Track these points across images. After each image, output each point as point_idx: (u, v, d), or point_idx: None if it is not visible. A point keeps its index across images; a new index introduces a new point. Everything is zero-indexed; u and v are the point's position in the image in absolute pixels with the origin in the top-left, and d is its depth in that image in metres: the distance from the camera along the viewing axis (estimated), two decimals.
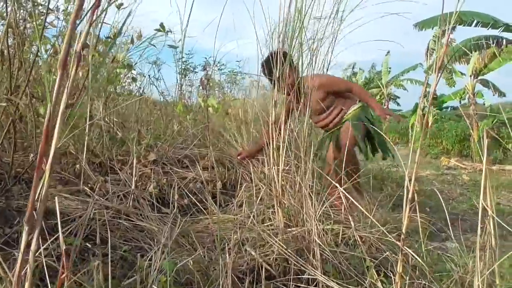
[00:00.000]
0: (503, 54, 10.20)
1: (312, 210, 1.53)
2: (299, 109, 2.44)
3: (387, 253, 1.50)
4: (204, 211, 2.13)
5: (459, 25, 8.51)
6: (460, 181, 6.63)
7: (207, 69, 2.19)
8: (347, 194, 1.51)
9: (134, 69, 3.44)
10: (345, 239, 1.71)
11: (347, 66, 23.73)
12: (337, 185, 1.56)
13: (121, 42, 3.29)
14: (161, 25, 2.39)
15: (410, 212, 1.05)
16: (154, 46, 2.56)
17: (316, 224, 1.50)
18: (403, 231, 1.06)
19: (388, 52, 20.45)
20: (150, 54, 3.52)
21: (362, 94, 2.89)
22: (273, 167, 1.62)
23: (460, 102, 13.75)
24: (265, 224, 1.66)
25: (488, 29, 8.85)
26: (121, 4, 2.35)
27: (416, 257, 1.06)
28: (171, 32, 2.42)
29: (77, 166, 2.07)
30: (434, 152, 12.80)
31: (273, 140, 1.70)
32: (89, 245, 1.38)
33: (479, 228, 1.16)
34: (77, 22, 0.63)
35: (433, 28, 9.79)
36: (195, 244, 1.66)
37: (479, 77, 11.72)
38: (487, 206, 1.20)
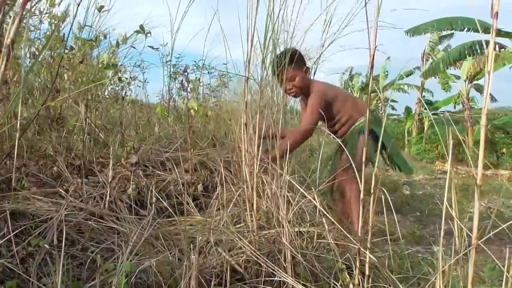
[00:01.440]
0: (499, 59, 10.25)
1: (284, 213, 1.53)
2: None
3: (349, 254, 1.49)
4: (183, 213, 2.13)
5: (449, 31, 8.55)
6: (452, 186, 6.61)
7: (188, 71, 2.19)
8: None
9: (121, 70, 3.45)
10: (319, 242, 1.70)
11: (344, 70, 23.80)
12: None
13: (107, 44, 3.30)
14: (141, 26, 2.40)
15: (365, 213, 1.05)
16: (134, 47, 2.56)
17: (287, 227, 1.50)
18: (359, 234, 1.06)
19: (389, 57, 20.49)
20: (135, 56, 3.54)
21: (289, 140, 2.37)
22: (245, 168, 1.62)
23: (454, 107, 13.81)
24: (237, 226, 1.65)
25: (481, 34, 8.86)
26: (102, 7, 2.36)
27: (375, 259, 1.05)
28: (150, 34, 2.42)
29: (55, 168, 2.06)
30: (429, 156, 12.85)
31: (245, 142, 1.70)
32: (54, 247, 1.38)
33: (442, 230, 1.16)
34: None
35: (423, 34, 9.82)
36: (170, 246, 1.65)
37: (474, 82, 11.77)
38: (451, 208, 1.20)
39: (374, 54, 1.06)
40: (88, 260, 1.46)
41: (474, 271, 1.09)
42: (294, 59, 2.38)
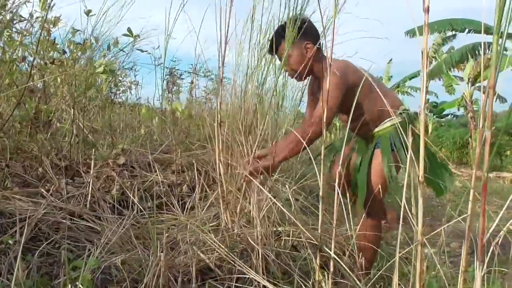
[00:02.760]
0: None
1: (256, 212, 1.55)
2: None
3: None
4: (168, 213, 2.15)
5: (450, 32, 8.53)
6: (452, 188, 6.58)
7: (174, 73, 2.21)
8: None
9: (116, 75, 3.50)
10: (295, 241, 1.72)
11: None
12: None
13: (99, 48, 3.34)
14: (129, 30, 2.44)
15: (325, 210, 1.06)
16: (123, 51, 2.60)
17: (258, 226, 1.51)
18: (319, 239, 1.07)
19: (391, 60, 20.41)
20: (132, 59, 3.59)
21: (290, 137, 1.82)
22: (219, 167, 1.64)
23: (458, 109, 13.73)
24: (211, 225, 1.67)
25: (482, 35, 8.86)
26: (90, 11, 2.40)
27: (340, 261, 1.06)
28: (139, 37, 2.46)
29: (40, 169, 2.09)
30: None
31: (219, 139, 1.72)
32: (10, 242, 1.40)
33: (399, 236, 1.17)
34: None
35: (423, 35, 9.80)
36: (147, 244, 1.68)
37: (476, 84, 11.70)
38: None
39: None
40: (62, 258, 1.48)
41: None
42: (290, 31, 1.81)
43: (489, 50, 10.02)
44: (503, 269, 1.36)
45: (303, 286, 1.44)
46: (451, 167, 8.93)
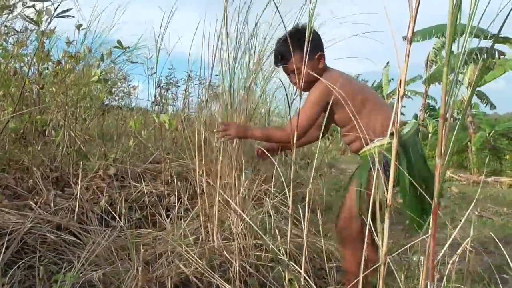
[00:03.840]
0: (496, 66, 10.23)
1: (235, 226, 1.59)
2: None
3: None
4: (155, 224, 2.20)
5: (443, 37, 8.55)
6: (448, 193, 6.62)
7: (160, 85, 2.27)
8: None
9: (110, 84, 3.56)
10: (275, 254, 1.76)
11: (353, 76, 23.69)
12: None
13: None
14: (119, 42, 2.50)
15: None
16: (114, 62, 2.66)
17: (237, 239, 1.56)
18: (288, 247, 1.12)
19: (388, 63, 20.43)
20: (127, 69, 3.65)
21: (276, 130, 1.94)
22: (199, 181, 1.69)
23: (457, 113, 13.73)
24: (192, 238, 1.72)
25: (479, 41, 8.88)
26: (80, 25, 2.46)
27: (301, 272, 1.11)
28: (128, 48, 2.52)
29: (31, 181, 2.15)
30: (432, 163, 12.74)
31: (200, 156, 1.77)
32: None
33: (365, 243, 1.21)
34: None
35: (420, 40, 9.82)
36: (132, 256, 1.73)
37: (476, 89, 11.72)
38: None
39: None
40: (49, 271, 1.53)
41: None
42: (300, 45, 1.64)
43: (489, 55, 10.05)
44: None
45: None
46: (448, 172, 8.85)
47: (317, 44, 1.82)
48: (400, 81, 0.87)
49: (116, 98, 4.18)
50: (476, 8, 0.86)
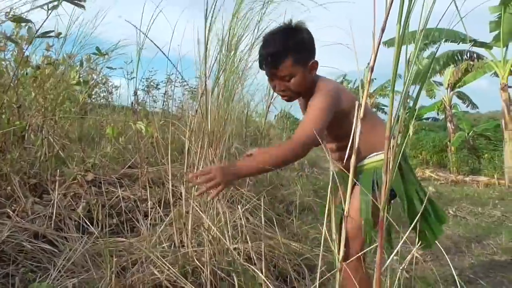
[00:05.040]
0: (475, 69, 10.50)
1: (207, 233, 1.66)
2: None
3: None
4: (133, 229, 2.25)
5: (425, 42, 8.75)
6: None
7: (137, 93, 2.32)
8: None
9: (89, 86, 3.59)
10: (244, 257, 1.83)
11: (337, 76, 23.98)
12: None
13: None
14: (97, 48, 2.54)
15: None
16: (93, 69, 2.70)
17: (208, 245, 1.63)
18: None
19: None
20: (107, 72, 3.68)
21: (282, 147, 1.50)
22: (171, 193, 1.75)
23: (438, 113, 14.03)
24: (164, 245, 1.78)
25: (458, 44, 9.12)
26: (60, 33, 2.49)
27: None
28: (107, 55, 2.57)
29: (9, 188, 2.18)
30: (412, 163, 13.03)
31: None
32: None
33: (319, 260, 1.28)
34: None
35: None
36: (109, 263, 1.78)
37: (455, 90, 12.02)
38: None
39: None
40: (26, 279, 1.58)
41: None
42: (296, 48, 1.54)
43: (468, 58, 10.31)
44: None
45: None
46: (427, 171, 9.05)
47: (312, 50, 1.61)
48: (360, 105, 0.94)
49: (98, 98, 4.22)
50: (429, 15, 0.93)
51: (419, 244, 1.44)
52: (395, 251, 1.09)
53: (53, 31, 2.00)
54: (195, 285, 1.50)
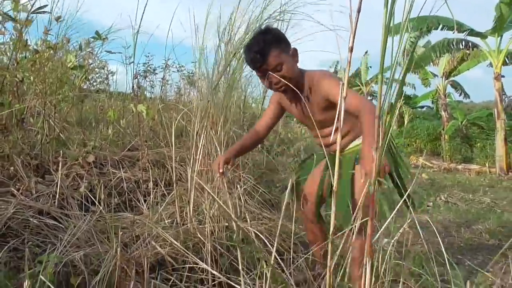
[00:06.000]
0: (471, 58, 10.57)
1: (208, 210, 1.73)
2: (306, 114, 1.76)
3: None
4: (133, 209, 2.32)
5: (423, 29, 8.80)
6: (418, 180, 6.91)
7: (138, 77, 2.36)
8: None
9: (88, 68, 3.62)
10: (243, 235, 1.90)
11: (331, 63, 23.99)
12: None
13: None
14: (97, 33, 2.56)
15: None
16: (92, 53, 2.73)
17: (209, 222, 1.69)
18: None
19: (366, 52, 20.71)
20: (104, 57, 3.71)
21: (368, 123, 1.52)
22: (174, 171, 1.81)
23: (432, 102, 14.14)
24: (168, 221, 1.85)
25: (453, 33, 9.17)
26: (59, 17, 2.51)
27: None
28: (107, 39, 2.59)
29: (12, 168, 2.23)
30: (407, 151, 13.19)
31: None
32: None
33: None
34: None
35: (394, 36, 10.04)
36: (111, 239, 1.84)
37: (450, 79, 12.10)
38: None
39: None
40: (33, 253, 1.64)
41: None
42: (275, 40, 1.74)
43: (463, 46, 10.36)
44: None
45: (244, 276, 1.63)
46: (421, 159, 9.17)
47: (287, 41, 1.81)
48: (343, 84, 0.99)
49: (94, 84, 4.24)
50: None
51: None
52: (386, 223, 1.16)
53: (47, 5, 2.04)
54: (198, 260, 1.58)
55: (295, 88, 1.62)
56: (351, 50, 1.01)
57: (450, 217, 4.47)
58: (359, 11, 0.96)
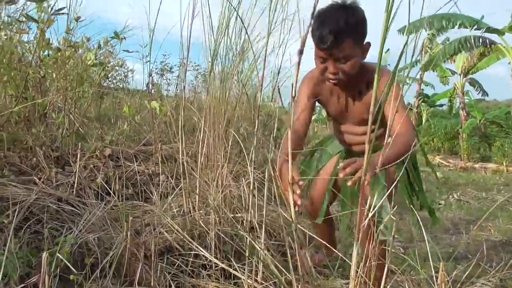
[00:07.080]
0: (491, 53, 10.42)
1: (212, 199, 1.85)
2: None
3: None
4: (146, 200, 2.46)
5: (441, 27, 8.73)
6: (432, 178, 6.90)
7: (152, 75, 2.49)
8: None
9: (108, 66, 3.79)
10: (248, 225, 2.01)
11: None
12: None
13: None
14: (115, 33, 2.71)
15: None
16: (111, 52, 2.88)
17: (214, 212, 1.82)
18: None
19: (388, 50, 20.48)
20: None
21: (399, 146, 1.35)
22: (183, 164, 1.94)
23: (450, 100, 13.97)
24: (175, 210, 1.98)
25: (471, 30, 9.07)
26: (79, 17, 2.67)
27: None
28: (125, 39, 2.74)
29: (34, 159, 2.40)
30: (424, 148, 13.06)
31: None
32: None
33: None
34: None
35: (410, 33, 9.99)
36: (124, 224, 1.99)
37: (468, 76, 11.94)
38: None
39: None
40: (52, 236, 1.79)
41: None
42: (357, 26, 1.48)
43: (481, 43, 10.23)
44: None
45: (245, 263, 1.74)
46: (438, 158, 9.12)
47: (366, 31, 1.53)
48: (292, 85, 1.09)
49: (114, 81, 4.42)
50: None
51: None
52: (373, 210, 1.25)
53: (65, 7, 2.20)
54: (201, 247, 1.70)
55: (348, 85, 1.50)
56: (300, 52, 1.04)
57: (461, 215, 4.49)
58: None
